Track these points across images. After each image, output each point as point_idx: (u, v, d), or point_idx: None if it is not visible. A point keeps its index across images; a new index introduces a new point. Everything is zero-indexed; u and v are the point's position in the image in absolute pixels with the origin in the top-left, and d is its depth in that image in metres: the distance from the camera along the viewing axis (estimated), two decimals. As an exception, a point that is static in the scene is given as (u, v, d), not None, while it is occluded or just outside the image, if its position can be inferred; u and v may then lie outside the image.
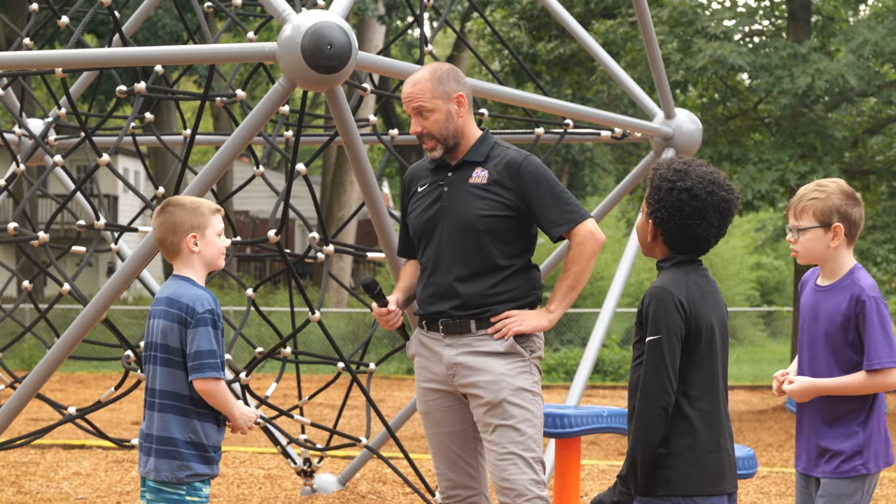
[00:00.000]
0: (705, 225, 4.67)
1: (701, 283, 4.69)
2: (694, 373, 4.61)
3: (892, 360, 4.98)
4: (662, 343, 4.55)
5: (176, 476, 5.18)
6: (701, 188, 4.65)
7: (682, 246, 4.72)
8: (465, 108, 5.77)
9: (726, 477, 4.64)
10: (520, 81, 21.06)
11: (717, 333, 4.67)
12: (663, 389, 4.54)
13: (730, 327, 16.01)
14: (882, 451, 5.10)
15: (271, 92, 6.02)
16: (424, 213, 5.81)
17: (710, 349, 4.64)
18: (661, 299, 4.59)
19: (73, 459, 12.03)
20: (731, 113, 19.35)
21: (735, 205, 4.72)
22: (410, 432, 14.91)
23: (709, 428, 4.61)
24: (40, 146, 7.68)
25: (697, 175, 4.67)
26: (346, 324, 29.59)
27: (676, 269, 4.71)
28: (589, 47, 8.42)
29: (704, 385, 4.62)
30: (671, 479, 4.59)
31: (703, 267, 4.78)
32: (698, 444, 4.59)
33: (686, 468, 4.59)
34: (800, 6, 19.12)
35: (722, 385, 4.69)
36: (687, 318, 4.58)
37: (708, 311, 4.65)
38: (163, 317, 5.21)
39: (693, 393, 4.61)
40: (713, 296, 4.71)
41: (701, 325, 4.61)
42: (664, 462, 4.59)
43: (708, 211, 4.66)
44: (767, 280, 40.98)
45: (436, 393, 5.84)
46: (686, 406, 4.60)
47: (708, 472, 4.60)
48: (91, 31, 30.44)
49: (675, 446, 4.59)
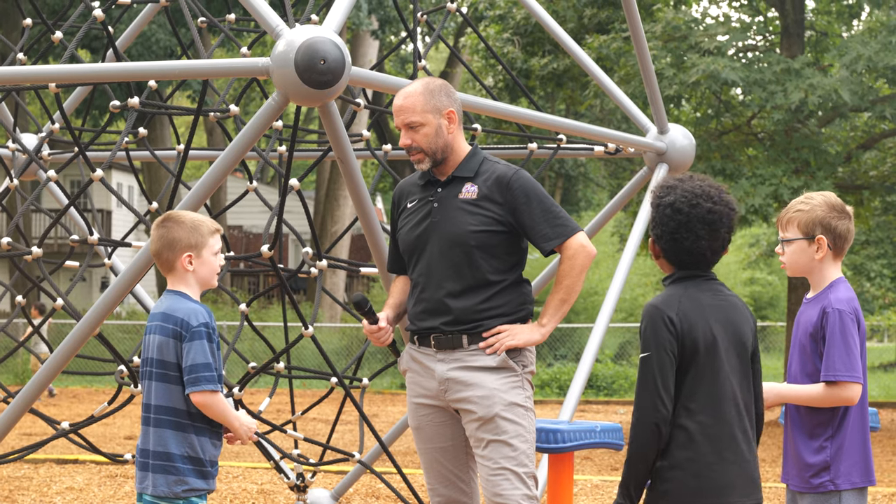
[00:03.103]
0: (693, 238, 4.71)
1: (701, 298, 4.72)
2: (694, 386, 4.64)
3: (849, 374, 5.01)
4: (652, 359, 4.61)
5: (173, 491, 5.18)
6: (684, 202, 4.70)
7: (680, 261, 4.77)
8: (455, 124, 5.78)
9: (731, 490, 4.63)
10: (513, 96, 21.10)
11: (721, 347, 4.67)
12: (653, 405, 4.59)
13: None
14: (856, 470, 5.08)
15: (265, 107, 6.02)
16: (415, 230, 5.81)
17: (711, 362, 4.65)
18: (651, 317, 4.66)
19: (67, 474, 12.02)
20: (724, 128, 19.39)
21: (726, 215, 4.75)
22: (404, 447, 14.90)
23: (710, 441, 4.63)
24: (34, 161, 7.68)
25: (683, 189, 4.73)
26: (340, 339, 29.60)
27: (674, 286, 4.77)
28: (582, 62, 8.42)
29: (706, 398, 4.64)
30: (670, 491, 4.63)
31: (713, 280, 4.80)
32: (699, 456, 4.61)
33: (686, 481, 4.61)
34: (793, 21, 19.17)
35: (732, 398, 4.67)
36: (677, 333, 4.62)
37: (707, 325, 4.66)
38: (158, 332, 5.22)
39: (693, 406, 4.63)
40: (719, 310, 4.72)
41: (697, 340, 4.64)
42: (664, 474, 4.63)
43: (693, 224, 4.70)
44: (761, 295, 41.01)
45: (427, 408, 5.84)
46: (686, 419, 4.63)
47: (709, 484, 4.61)
48: (85, 46, 30.47)
49: (674, 459, 4.62)
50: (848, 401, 5.05)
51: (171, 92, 9.16)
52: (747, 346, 4.77)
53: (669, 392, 4.60)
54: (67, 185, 38.03)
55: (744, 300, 29.31)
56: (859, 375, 5.03)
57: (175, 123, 9.21)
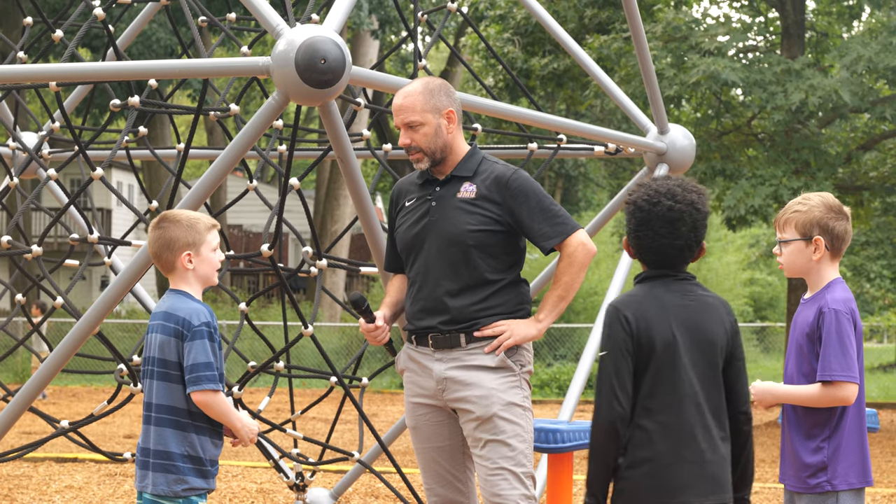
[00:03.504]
0: (652, 235, 4.71)
1: (665, 298, 4.70)
2: (653, 385, 4.63)
3: (845, 374, 5.02)
4: (608, 358, 4.63)
5: (172, 490, 5.19)
6: (645, 200, 4.71)
7: (647, 259, 4.78)
8: (454, 124, 5.78)
9: (687, 490, 4.61)
10: (514, 96, 21.12)
11: (681, 346, 4.65)
12: (610, 404, 4.59)
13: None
14: (853, 470, 5.09)
15: (265, 106, 6.02)
16: (412, 228, 5.81)
17: (671, 362, 4.64)
18: (609, 316, 4.68)
19: (66, 473, 12.02)
20: (724, 128, 19.40)
21: (688, 214, 4.70)
22: (403, 447, 14.90)
23: (669, 440, 4.62)
24: (34, 159, 7.68)
25: (648, 188, 4.75)
26: (339, 338, 29.59)
27: (640, 285, 4.79)
28: (583, 62, 8.42)
29: (665, 397, 4.63)
30: (626, 489, 4.64)
31: (685, 281, 4.77)
32: (657, 456, 4.61)
33: (642, 480, 4.62)
34: (794, 22, 19.17)
35: (693, 397, 4.63)
36: (634, 332, 4.62)
37: (666, 325, 4.65)
38: (160, 331, 5.22)
39: (652, 405, 4.63)
40: (684, 310, 4.70)
41: (654, 339, 4.63)
42: (623, 473, 4.65)
43: (653, 221, 4.70)
44: (761, 296, 41.02)
45: (425, 408, 5.84)
46: (645, 419, 4.63)
47: (665, 484, 4.60)
48: (85, 44, 30.47)
49: (633, 458, 4.63)
50: (844, 401, 5.05)
51: (171, 91, 9.16)
52: (716, 345, 4.70)
53: (626, 391, 4.60)
54: (67, 184, 38.07)
55: (743, 301, 28.94)
56: (856, 375, 5.04)
57: (175, 122, 9.21)
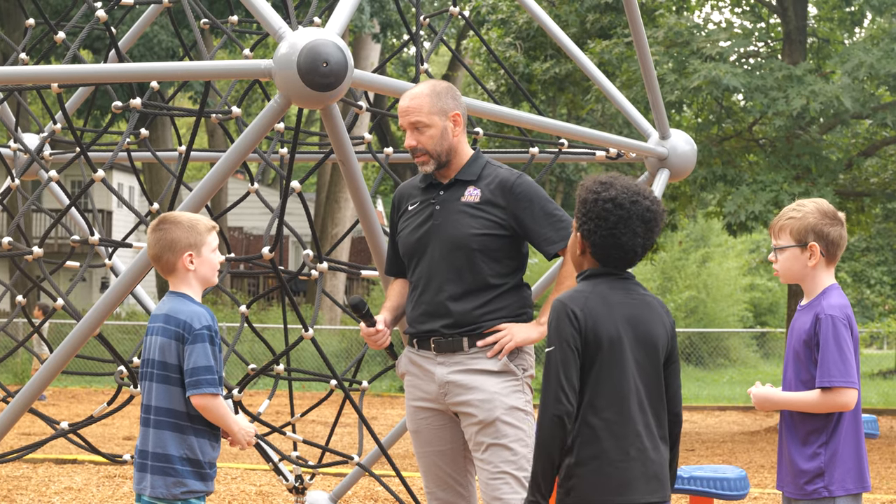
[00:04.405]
0: (630, 234, 4.69)
1: (610, 296, 4.69)
2: (599, 383, 4.62)
3: (844, 379, 5.02)
4: (555, 353, 4.60)
5: (171, 492, 5.18)
6: (625, 197, 4.68)
7: (609, 257, 4.73)
8: (460, 127, 5.78)
9: (634, 487, 4.61)
10: (515, 101, 21.10)
11: (626, 344, 4.64)
12: (556, 399, 4.56)
13: (723, 348, 16.38)
14: (850, 476, 5.09)
15: (267, 109, 6.02)
16: (415, 232, 5.80)
17: (616, 360, 4.62)
18: (556, 311, 4.64)
19: (65, 474, 12.02)
20: (725, 134, 19.39)
21: (660, 216, 4.73)
22: (403, 450, 14.90)
23: (615, 438, 4.60)
24: (35, 161, 7.68)
25: (622, 185, 4.71)
26: (340, 341, 29.58)
27: (584, 281, 4.75)
28: (584, 67, 8.41)
29: (611, 395, 4.61)
30: (575, 487, 4.62)
31: (628, 280, 4.77)
32: (602, 453, 4.60)
33: (589, 477, 4.60)
34: (795, 28, 19.17)
35: (636, 394, 4.63)
36: (581, 328, 4.60)
37: (612, 322, 4.64)
38: (160, 333, 5.21)
39: (598, 403, 4.62)
40: (628, 308, 4.69)
41: (601, 336, 4.61)
42: (571, 471, 4.62)
43: (632, 220, 4.68)
44: (761, 301, 41.03)
45: (426, 411, 5.83)
46: (591, 416, 4.61)
47: (612, 481, 4.59)
48: (87, 46, 30.48)
49: (580, 456, 4.61)
50: (844, 406, 5.05)
51: (172, 93, 9.17)
52: (658, 344, 4.71)
53: (573, 385, 4.58)
54: (68, 186, 38.07)
55: (743, 306, 28.86)
56: (855, 381, 5.04)
57: (177, 124, 9.21)
